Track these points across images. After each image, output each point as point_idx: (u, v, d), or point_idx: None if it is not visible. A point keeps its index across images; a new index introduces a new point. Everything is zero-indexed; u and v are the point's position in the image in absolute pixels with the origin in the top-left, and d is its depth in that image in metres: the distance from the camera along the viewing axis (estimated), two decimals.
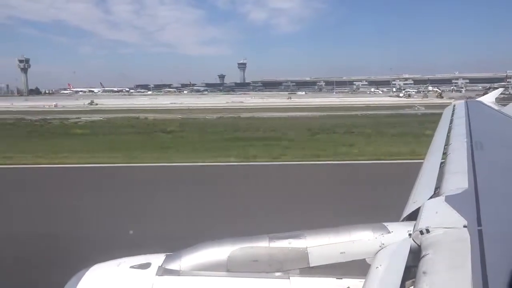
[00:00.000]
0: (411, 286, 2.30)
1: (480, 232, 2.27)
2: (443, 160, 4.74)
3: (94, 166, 22.73)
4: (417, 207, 3.15)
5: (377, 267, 2.65)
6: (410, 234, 2.73)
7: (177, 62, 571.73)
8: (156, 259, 3.20)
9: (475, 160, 4.11)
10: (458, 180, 3.47)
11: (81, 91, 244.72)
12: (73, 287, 3.06)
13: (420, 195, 3.65)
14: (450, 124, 7.53)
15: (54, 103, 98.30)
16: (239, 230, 4.19)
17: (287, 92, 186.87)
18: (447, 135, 6.43)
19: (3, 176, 21.64)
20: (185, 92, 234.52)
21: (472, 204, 2.73)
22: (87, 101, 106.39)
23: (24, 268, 10.01)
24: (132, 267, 3.15)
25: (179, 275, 3.04)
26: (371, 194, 15.03)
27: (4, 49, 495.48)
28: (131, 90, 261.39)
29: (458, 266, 1.98)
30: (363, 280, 2.58)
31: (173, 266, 3.10)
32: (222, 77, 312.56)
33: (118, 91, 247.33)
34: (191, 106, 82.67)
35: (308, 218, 10.42)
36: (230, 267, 3.02)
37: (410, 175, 5.09)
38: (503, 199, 2.98)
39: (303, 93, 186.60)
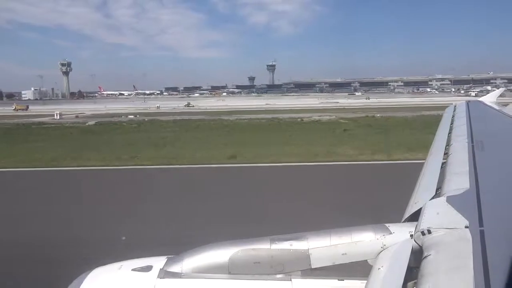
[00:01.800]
0: (413, 287, 2.30)
1: (482, 233, 2.26)
2: (444, 161, 4.70)
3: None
4: (419, 207, 3.14)
5: (379, 268, 2.65)
6: (411, 235, 2.73)
7: (192, 66, 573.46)
8: (158, 262, 3.21)
9: (476, 160, 4.08)
10: (459, 180, 3.46)
11: (111, 94, 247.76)
12: None
13: (421, 195, 3.62)
14: (451, 124, 7.47)
15: (157, 105, 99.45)
16: None
17: (347, 93, 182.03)
18: (448, 135, 6.39)
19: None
20: (224, 94, 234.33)
21: (474, 205, 2.72)
22: (184, 103, 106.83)
23: None
24: (133, 270, 3.16)
25: (180, 278, 3.05)
26: None
27: (6, 52, 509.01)
28: (164, 93, 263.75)
29: (460, 267, 1.98)
30: (365, 281, 2.58)
31: (174, 268, 3.11)
32: (252, 79, 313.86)
33: (149, 94, 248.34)
34: (292, 107, 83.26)
35: None
36: (232, 270, 3.03)
37: None
38: (505, 200, 2.96)
39: (360, 93, 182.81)
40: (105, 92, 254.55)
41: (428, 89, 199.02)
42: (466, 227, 2.39)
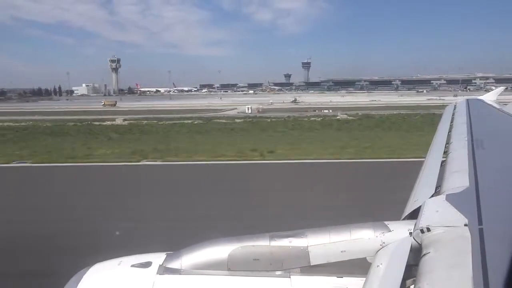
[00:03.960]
0: (411, 284, 2.30)
1: (481, 231, 2.27)
2: (444, 159, 4.72)
3: None
4: (418, 205, 3.15)
5: (378, 266, 2.66)
6: (411, 233, 2.73)
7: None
8: (157, 258, 3.20)
9: (476, 158, 4.08)
10: (459, 178, 3.46)
11: (148, 91, 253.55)
12: (74, 286, 3.07)
13: (421, 193, 3.64)
14: (451, 122, 7.46)
15: (271, 101, 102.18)
16: None
17: (416, 91, 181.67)
18: (448, 134, 6.39)
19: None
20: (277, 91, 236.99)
21: (473, 203, 2.73)
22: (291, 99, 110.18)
23: None
24: (133, 266, 3.15)
25: (180, 274, 3.05)
26: None
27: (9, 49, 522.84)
28: (202, 90, 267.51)
29: (459, 265, 1.99)
30: (364, 278, 2.58)
31: (174, 265, 3.10)
32: (288, 76, 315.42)
33: (188, 91, 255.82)
34: (393, 104, 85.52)
35: None
36: (231, 266, 3.03)
37: None
38: (504, 198, 2.95)
39: (424, 91, 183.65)
40: (142, 89, 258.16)
41: (470, 88, 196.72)
42: (465, 225, 2.39)
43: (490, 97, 13.00)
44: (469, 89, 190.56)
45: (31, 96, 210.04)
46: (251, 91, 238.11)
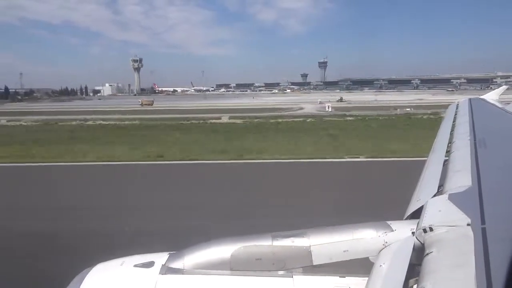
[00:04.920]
0: (414, 284, 2.30)
1: (483, 230, 2.26)
2: (446, 158, 4.74)
3: None
4: (421, 205, 3.16)
5: (380, 266, 2.66)
6: (413, 233, 2.73)
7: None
8: (160, 258, 3.22)
9: (479, 158, 4.10)
10: (461, 178, 3.47)
11: (165, 90, 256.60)
12: (77, 286, 3.08)
13: (423, 193, 3.64)
14: (453, 122, 7.47)
15: (319, 100, 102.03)
16: None
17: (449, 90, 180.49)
18: (450, 133, 6.41)
19: None
20: (288, 90, 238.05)
21: (476, 202, 2.74)
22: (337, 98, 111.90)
23: None
24: (135, 266, 3.17)
25: (182, 274, 3.06)
26: None
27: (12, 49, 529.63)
28: (220, 89, 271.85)
29: (461, 265, 1.99)
30: (367, 278, 2.59)
31: (176, 265, 3.12)
32: (304, 76, 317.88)
33: (205, 90, 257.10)
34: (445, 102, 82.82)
35: None
36: (233, 266, 3.04)
37: None
38: (507, 197, 2.94)
39: (453, 90, 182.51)
40: (159, 88, 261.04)
41: (492, 87, 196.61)
42: (468, 224, 2.39)
43: (492, 96, 12.89)
44: (491, 87, 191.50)
45: (58, 96, 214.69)
46: (275, 90, 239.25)
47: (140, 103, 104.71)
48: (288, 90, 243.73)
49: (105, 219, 14.05)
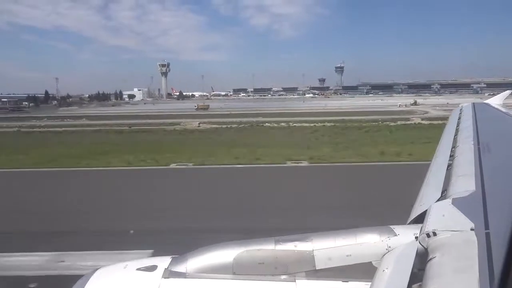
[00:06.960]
0: None
1: (487, 235, 2.25)
2: (450, 163, 4.72)
3: None
4: (424, 210, 3.14)
5: (383, 270, 2.64)
6: (416, 237, 2.71)
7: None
8: (162, 262, 3.22)
9: (482, 162, 4.07)
10: (465, 182, 3.45)
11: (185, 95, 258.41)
12: None
13: (427, 197, 3.63)
14: (457, 126, 7.47)
15: (399, 103, 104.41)
16: None
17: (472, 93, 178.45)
18: (454, 137, 6.39)
19: None
20: (308, 95, 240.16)
21: (480, 207, 2.72)
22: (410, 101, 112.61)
23: None
24: (138, 269, 3.17)
25: (185, 278, 3.06)
26: None
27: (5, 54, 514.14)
28: (241, 94, 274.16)
29: (465, 270, 1.97)
30: (370, 283, 2.57)
31: (179, 268, 3.12)
32: (322, 80, 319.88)
33: (224, 95, 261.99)
34: None
35: None
36: (236, 270, 3.03)
37: None
38: (511, 202, 2.88)
39: (488, 94, 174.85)
40: (177, 93, 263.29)
41: None
42: (472, 229, 2.38)
43: (496, 101, 12.93)
44: None
45: (89, 101, 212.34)
46: (308, 95, 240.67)
47: (196, 107, 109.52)
48: (309, 95, 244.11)
49: None
